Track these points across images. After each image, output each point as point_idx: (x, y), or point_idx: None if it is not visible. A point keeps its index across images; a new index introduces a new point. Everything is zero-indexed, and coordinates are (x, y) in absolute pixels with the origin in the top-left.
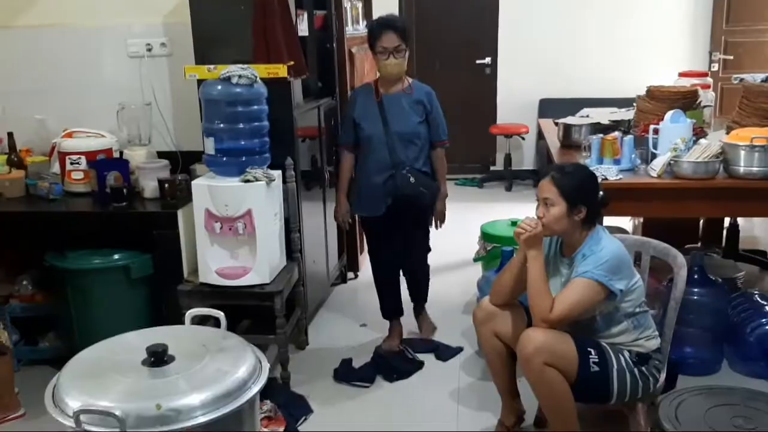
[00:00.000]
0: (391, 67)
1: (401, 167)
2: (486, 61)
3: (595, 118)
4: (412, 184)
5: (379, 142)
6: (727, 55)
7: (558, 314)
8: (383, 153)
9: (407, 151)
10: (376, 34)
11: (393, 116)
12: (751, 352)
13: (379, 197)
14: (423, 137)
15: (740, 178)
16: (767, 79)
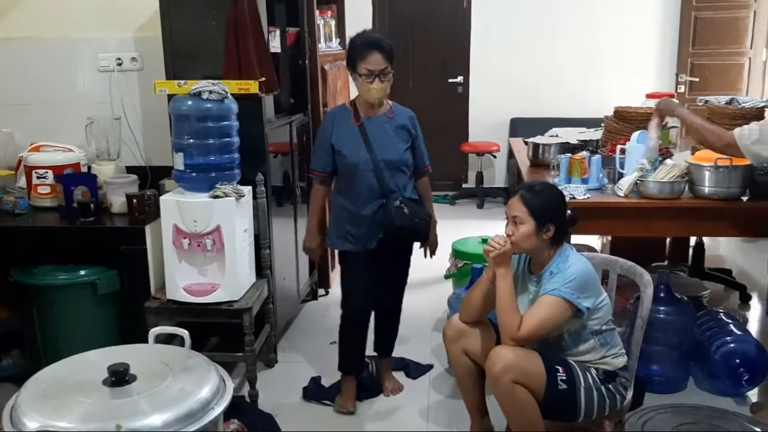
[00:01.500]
0: (377, 92)
1: (392, 197)
2: (458, 80)
3: (563, 138)
4: (407, 215)
5: (366, 169)
6: (693, 77)
7: (526, 332)
8: (371, 182)
9: (396, 179)
10: (361, 54)
11: (377, 142)
12: (716, 370)
13: (370, 230)
14: (410, 164)
15: (705, 198)
16: (731, 102)
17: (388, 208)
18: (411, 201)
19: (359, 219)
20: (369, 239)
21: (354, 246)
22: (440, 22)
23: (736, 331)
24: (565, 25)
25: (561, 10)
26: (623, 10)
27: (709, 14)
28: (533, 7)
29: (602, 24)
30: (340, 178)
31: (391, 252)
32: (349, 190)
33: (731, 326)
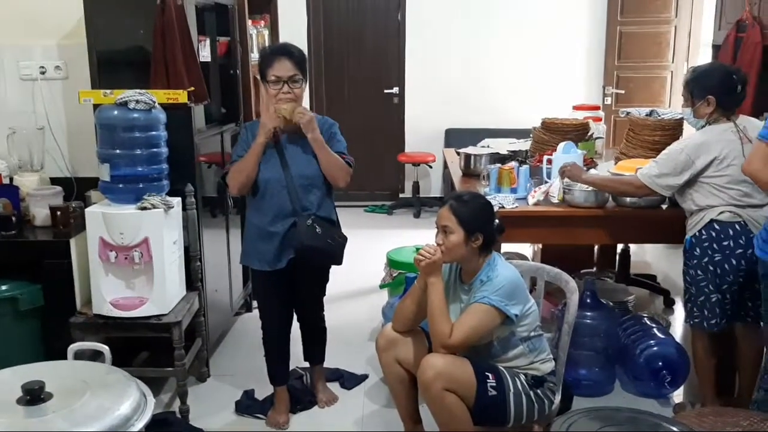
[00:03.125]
0: (284, 112)
1: (304, 215)
2: (394, 91)
3: (494, 149)
4: (319, 235)
5: (278, 186)
6: (619, 89)
7: (457, 340)
8: (282, 199)
9: (310, 196)
10: (269, 62)
11: (292, 157)
12: (640, 373)
13: (280, 249)
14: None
15: (627, 207)
16: (651, 113)
17: (299, 226)
18: (325, 220)
19: (269, 237)
20: (278, 259)
21: (262, 265)
22: (375, 34)
23: (658, 335)
24: (497, 37)
25: (494, 23)
26: (553, 25)
27: (633, 29)
28: (466, 20)
29: (533, 37)
30: (253, 194)
31: (304, 273)
32: (260, 206)
33: (654, 330)
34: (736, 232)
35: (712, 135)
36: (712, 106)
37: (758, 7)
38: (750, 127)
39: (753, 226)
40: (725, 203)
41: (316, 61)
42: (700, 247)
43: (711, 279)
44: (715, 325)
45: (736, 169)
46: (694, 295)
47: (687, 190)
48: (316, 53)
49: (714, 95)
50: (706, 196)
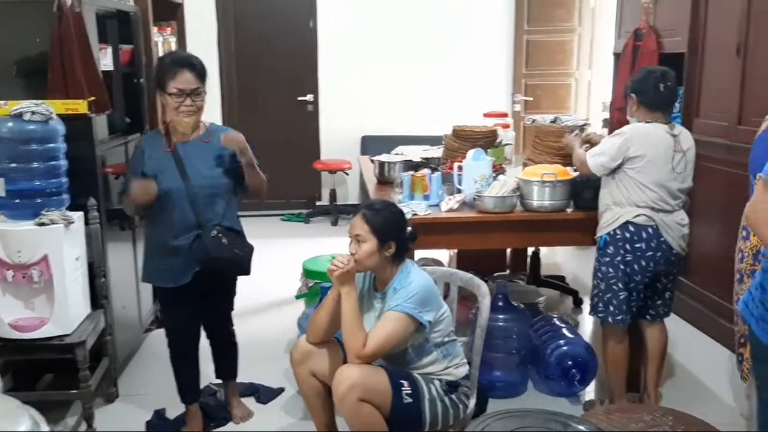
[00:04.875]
0: (185, 124)
1: (209, 226)
2: (308, 98)
3: (407, 156)
4: (225, 245)
5: (180, 197)
6: (528, 96)
7: (371, 349)
8: (185, 211)
9: (214, 206)
10: (171, 73)
11: (192, 167)
12: (551, 372)
13: (185, 263)
14: (230, 190)
15: (534, 211)
16: (555, 120)
17: (204, 238)
18: (230, 231)
19: (172, 251)
20: (183, 273)
21: (167, 281)
22: (287, 41)
23: (568, 335)
24: (410, 45)
25: (406, 31)
26: (463, 34)
27: (539, 38)
28: (379, 29)
29: (445, 46)
30: (151, 207)
31: (211, 286)
32: (161, 220)
33: (564, 330)
34: (649, 235)
35: (652, 132)
36: (636, 104)
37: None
38: (683, 138)
39: (664, 230)
40: (643, 204)
41: (227, 69)
42: (614, 246)
43: (621, 277)
44: (621, 321)
45: (660, 174)
46: (602, 291)
47: (611, 181)
48: (227, 61)
49: (635, 93)
50: (627, 192)
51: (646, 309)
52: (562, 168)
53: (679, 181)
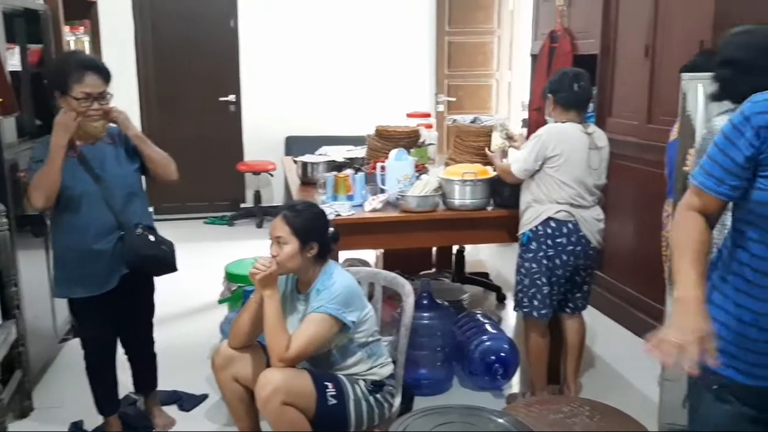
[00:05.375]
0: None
1: (131, 226)
2: (230, 99)
3: (331, 156)
4: (153, 242)
5: (95, 200)
6: (451, 97)
7: (294, 352)
8: (102, 213)
9: (131, 205)
10: (77, 76)
11: (103, 169)
12: (475, 368)
13: (109, 268)
14: (142, 187)
15: (456, 210)
16: (474, 120)
17: (129, 238)
18: (151, 229)
19: (94, 257)
20: (108, 279)
21: (88, 290)
22: (208, 41)
23: (491, 330)
24: (334, 45)
25: (329, 32)
26: (386, 34)
27: (460, 39)
28: (302, 29)
29: (369, 46)
30: (61, 215)
31: (134, 289)
32: (74, 226)
33: (487, 326)
34: (569, 230)
35: (568, 131)
36: (552, 103)
37: (568, 19)
38: (597, 136)
39: (583, 225)
40: (563, 201)
41: (144, 69)
42: (536, 242)
43: (544, 272)
44: (545, 315)
45: (577, 171)
46: (527, 286)
47: (531, 180)
48: (145, 61)
49: (552, 93)
50: (547, 190)
51: (566, 302)
52: (482, 167)
53: (595, 178)
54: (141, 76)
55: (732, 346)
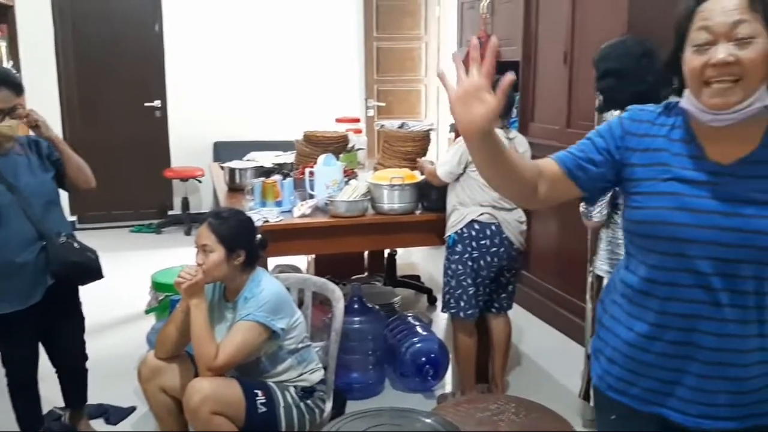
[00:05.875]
0: (7, 129)
1: (53, 235)
2: (156, 104)
3: (259, 162)
4: (78, 249)
5: (12, 212)
6: (380, 102)
7: (223, 360)
8: (22, 224)
9: (51, 215)
10: None
11: (17, 179)
12: (406, 370)
13: (33, 280)
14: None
15: (385, 214)
16: (402, 126)
17: (52, 247)
18: (73, 237)
19: (17, 270)
20: (32, 292)
21: (12, 305)
22: (132, 45)
23: (421, 332)
24: (262, 50)
25: (257, 36)
26: (316, 39)
27: (388, 45)
28: (229, 33)
29: (298, 50)
30: None
31: (59, 301)
32: None
33: (418, 328)
34: (492, 232)
35: None
36: None
37: (491, 26)
38: (518, 142)
39: (505, 227)
40: (486, 204)
41: (66, 74)
42: (462, 244)
43: (469, 273)
44: (471, 315)
45: None
46: (453, 288)
47: (456, 184)
48: (66, 66)
49: None
50: (471, 192)
51: (492, 303)
52: (410, 172)
53: None
54: (62, 81)
55: (625, 372)
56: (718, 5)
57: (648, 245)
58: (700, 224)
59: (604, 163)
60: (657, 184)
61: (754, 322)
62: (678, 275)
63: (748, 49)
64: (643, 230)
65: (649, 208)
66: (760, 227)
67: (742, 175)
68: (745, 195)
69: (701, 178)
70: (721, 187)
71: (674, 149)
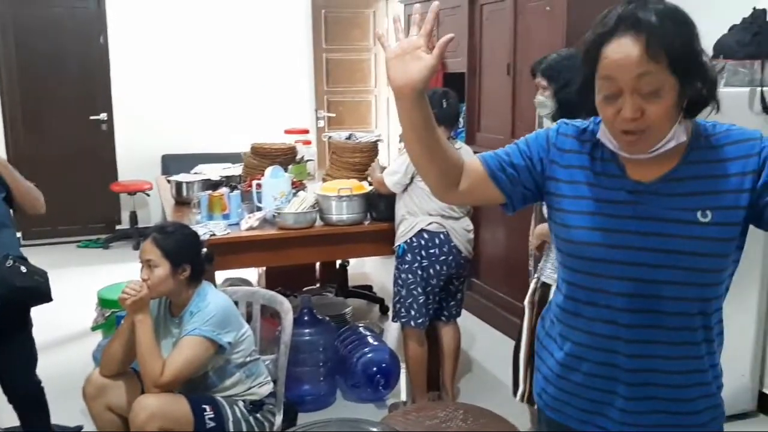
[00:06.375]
0: None
1: (1, 258)
2: (102, 117)
3: (206, 175)
4: (26, 274)
5: None
6: (331, 113)
7: (169, 376)
8: None
9: (0, 237)
10: None
11: None
12: (358, 380)
13: None
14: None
15: (334, 225)
16: (350, 137)
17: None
18: (22, 259)
19: None
20: None
21: None
22: (76, 58)
23: (372, 342)
24: (210, 62)
25: (204, 47)
26: (265, 50)
27: (337, 56)
28: (175, 44)
29: (246, 62)
30: None
31: (6, 325)
32: None
33: (369, 338)
34: (441, 241)
35: None
36: None
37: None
38: (463, 152)
39: (454, 235)
40: (434, 213)
41: (8, 87)
42: (411, 253)
43: (419, 282)
44: (422, 324)
45: None
46: (403, 297)
47: (404, 194)
48: (8, 79)
49: None
50: (420, 202)
51: (441, 311)
52: (358, 182)
53: None
54: (4, 95)
55: (559, 391)
56: (619, 54)
57: (568, 263)
58: (615, 244)
59: (525, 170)
60: (577, 202)
61: (681, 344)
62: (597, 295)
63: (654, 104)
64: (564, 248)
65: (568, 226)
66: (681, 247)
67: (664, 192)
68: (666, 214)
69: (621, 198)
70: (641, 206)
71: (596, 168)
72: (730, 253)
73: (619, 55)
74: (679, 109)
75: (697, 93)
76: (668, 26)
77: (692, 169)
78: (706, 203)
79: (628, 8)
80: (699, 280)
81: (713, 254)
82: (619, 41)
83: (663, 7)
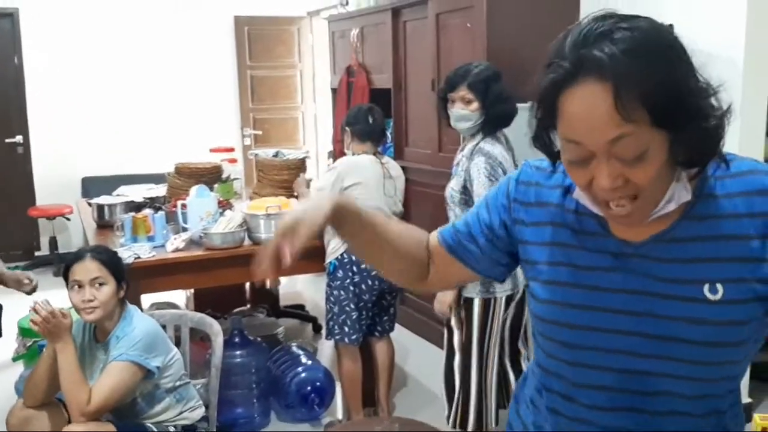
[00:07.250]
0: None
1: None
2: (17, 140)
3: (129, 196)
4: None
5: None
6: (257, 130)
7: (96, 404)
8: None
9: None
10: None
11: None
12: (292, 400)
13: None
14: None
15: (261, 244)
16: (276, 154)
17: None
18: None
19: None
20: None
21: None
22: None
23: (306, 362)
24: (130, 81)
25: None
26: (187, 68)
27: (262, 73)
28: (94, 63)
29: (168, 80)
30: None
31: None
32: None
33: (302, 357)
34: None
35: (362, 162)
36: (350, 136)
37: (362, 55)
38: (390, 166)
39: None
40: None
41: None
42: (342, 269)
43: (351, 298)
44: (356, 340)
45: (375, 199)
46: (336, 314)
47: None
48: None
49: (348, 126)
50: None
51: (374, 326)
52: (286, 200)
53: (392, 205)
54: None
55: None
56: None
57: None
58: (597, 327)
59: (488, 244)
60: (550, 269)
61: None
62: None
63: (638, 169)
64: (536, 326)
65: (540, 300)
66: (682, 334)
67: (655, 257)
68: (663, 288)
69: (604, 264)
70: (629, 274)
71: (569, 221)
72: (748, 340)
73: (582, 112)
74: (674, 164)
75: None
76: (641, 65)
77: (696, 227)
78: (714, 274)
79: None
80: (705, 374)
81: (725, 343)
82: (581, 91)
83: (630, 34)
